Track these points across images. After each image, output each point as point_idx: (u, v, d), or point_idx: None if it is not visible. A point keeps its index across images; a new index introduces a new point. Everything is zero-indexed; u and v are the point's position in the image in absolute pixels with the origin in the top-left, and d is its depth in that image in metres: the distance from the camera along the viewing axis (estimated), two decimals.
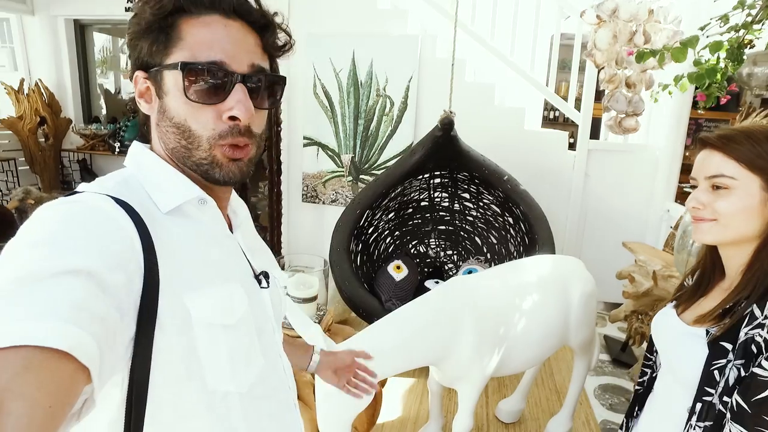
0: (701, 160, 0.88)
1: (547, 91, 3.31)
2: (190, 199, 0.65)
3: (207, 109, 0.61)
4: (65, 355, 0.42)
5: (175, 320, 0.57)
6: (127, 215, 0.56)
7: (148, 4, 0.61)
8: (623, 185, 3.30)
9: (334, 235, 2.61)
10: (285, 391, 0.76)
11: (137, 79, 0.65)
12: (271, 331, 0.74)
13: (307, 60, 3.49)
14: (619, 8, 2.54)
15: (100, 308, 0.47)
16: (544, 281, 1.84)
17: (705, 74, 1.62)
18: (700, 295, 0.95)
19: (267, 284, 0.74)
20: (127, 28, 0.64)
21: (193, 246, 0.63)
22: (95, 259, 0.49)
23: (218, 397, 0.62)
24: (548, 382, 2.59)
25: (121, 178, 0.64)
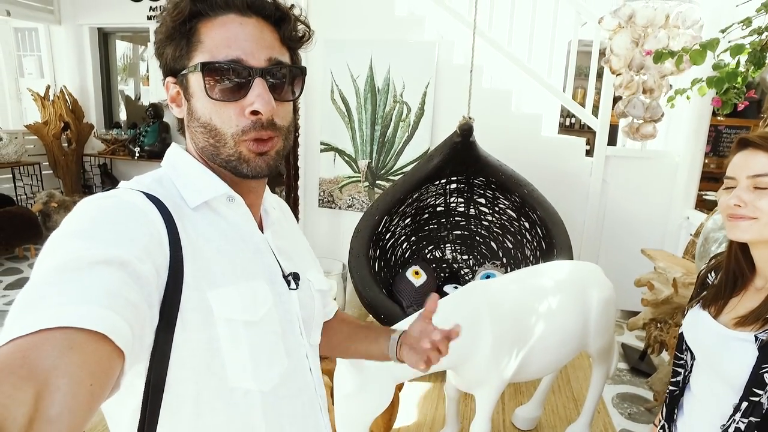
0: (743, 160, 0.89)
1: (565, 98, 3.31)
2: (218, 196, 0.66)
3: (229, 106, 0.63)
4: (103, 338, 0.44)
5: (197, 315, 0.59)
6: (157, 210, 0.59)
7: (168, 13, 0.64)
8: (641, 192, 3.27)
9: (353, 241, 2.62)
10: (311, 393, 0.76)
11: (168, 85, 0.68)
12: (297, 333, 0.73)
13: (324, 66, 3.54)
14: (636, 14, 2.53)
15: (132, 296, 0.49)
16: (563, 286, 1.83)
17: (725, 78, 1.61)
18: (730, 295, 0.95)
19: (296, 286, 0.73)
20: (154, 38, 0.67)
21: (220, 242, 0.64)
22: (127, 249, 0.51)
23: (239, 394, 0.63)
24: (565, 389, 2.57)
25: (157, 176, 0.67)
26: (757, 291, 0.92)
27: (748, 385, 0.83)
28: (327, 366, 1.85)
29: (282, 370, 0.68)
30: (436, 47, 3.31)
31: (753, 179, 0.87)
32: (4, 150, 4.37)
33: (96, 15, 4.73)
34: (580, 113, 3.30)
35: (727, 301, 0.95)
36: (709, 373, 0.96)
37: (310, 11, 3.50)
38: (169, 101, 0.69)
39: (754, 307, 0.89)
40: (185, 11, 0.62)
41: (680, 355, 1.04)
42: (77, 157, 4.90)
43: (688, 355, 1.02)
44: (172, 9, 0.63)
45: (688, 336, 1.00)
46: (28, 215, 4.12)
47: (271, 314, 0.67)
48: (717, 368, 0.92)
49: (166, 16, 0.64)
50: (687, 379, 1.03)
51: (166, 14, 0.64)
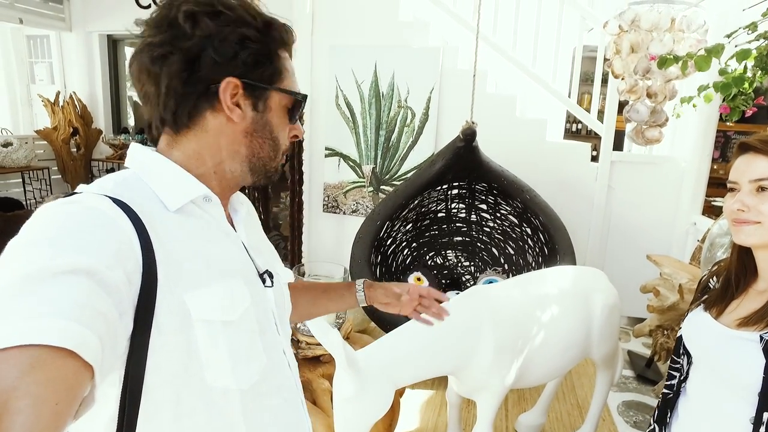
0: (744, 164, 0.89)
1: (570, 103, 3.29)
2: (196, 197, 0.67)
3: (287, 127, 0.73)
4: (70, 353, 0.42)
5: (173, 318, 0.58)
6: (125, 215, 0.57)
7: (274, 26, 0.68)
8: (648, 197, 3.25)
9: (354, 247, 2.62)
10: (290, 389, 0.76)
11: (229, 83, 0.65)
12: (274, 330, 0.74)
13: (329, 71, 3.55)
14: (640, 17, 2.52)
15: (101, 306, 0.48)
16: (566, 292, 1.82)
17: (732, 82, 1.59)
18: (731, 297, 0.94)
19: (271, 283, 0.75)
20: (224, 27, 0.63)
21: (195, 243, 0.64)
22: (94, 258, 0.50)
23: (218, 393, 0.63)
24: (570, 396, 2.54)
25: (120, 179, 0.65)
26: (759, 293, 0.91)
27: (762, 393, 0.82)
28: (327, 371, 1.85)
29: (260, 368, 0.68)
30: (440, 53, 3.31)
31: (755, 183, 0.87)
32: (14, 155, 4.42)
33: (105, 22, 4.80)
34: (585, 118, 3.28)
35: (728, 304, 0.94)
36: (709, 377, 0.94)
37: (315, 17, 3.52)
38: (227, 100, 0.65)
39: (757, 308, 0.88)
40: (289, 41, 0.70)
41: (677, 358, 1.03)
42: (86, 161, 4.96)
43: (685, 358, 1.00)
44: (281, 28, 0.68)
45: (687, 338, 0.99)
46: None
47: (249, 312, 0.67)
48: (718, 369, 0.91)
49: (269, 30, 0.67)
50: (683, 383, 1.01)
51: (270, 27, 0.67)
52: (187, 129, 0.67)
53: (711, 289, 1.00)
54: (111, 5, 4.70)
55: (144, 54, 0.64)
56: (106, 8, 4.73)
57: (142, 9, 4.55)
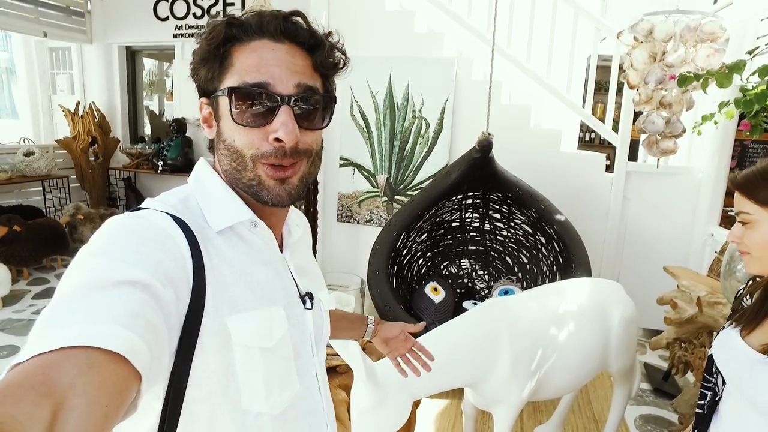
0: (736, 197, 0.94)
1: (584, 113, 3.29)
2: (242, 221, 0.66)
3: (253, 131, 0.62)
4: (122, 359, 0.44)
5: (215, 339, 0.59)
6: (183, 233, 0.59)
7: (204, 36, 0.65)
8: (664, 208, 3.22)
9: (372, 258, 2.63)
10: (318, 413, 0.76)
11: (201, 105, 0.68)
12: (309, 353, 0.74)
13: (344, 82, 3.57)
14: (655, 28, 2.52)
15: (153, 318, 0.49)
16: (583, 305, 1.81)
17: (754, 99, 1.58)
18: (763, 317, 0.93)
19: (311, 305, 0.74)
20: (192, 59, 0.67)
21: (241, 266, 0.64)
22: (152, 272, 0.52)
23: (251, 417, 0.63)
24: (586, 409, 2.52)
25: (183, 196, 0.66)
26: None
27: None
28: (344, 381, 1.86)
29: (293, 394, 0.68)
30: (454, 64, 3.33)
31: (737, 215, 0.92)
32: (35, 164, 4.51)
33: (125, 34, 4.90)
34: (599, 129, 3.28)
35: (758, 324, 0.93)
36: (738, 398, 0.93)
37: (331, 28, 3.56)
38: (201, 121, 0.69)
39: None
40: (220, 35, 0.62)
41: (709, 377, 1.02)
42: (103, 170, 5.04)
43: (719, 378, 0.99)
44: (208, 32, 0.64)
45: (717, 357, 0.98)
46: (55, 227, 4.23)
47: (285, 339, 0.67)
48: (747, 393, 0.90)
49: (202, 39, 0.65)
50: (717, 403, 1.00)
51: (202, 37, 0.65)
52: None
53: (743, 306, 1.00)
54: (130, 18, 4.80)
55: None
56: (126, 21, 4.84)
57: (161, 21, 4.65)
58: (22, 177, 4.48)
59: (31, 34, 4.81)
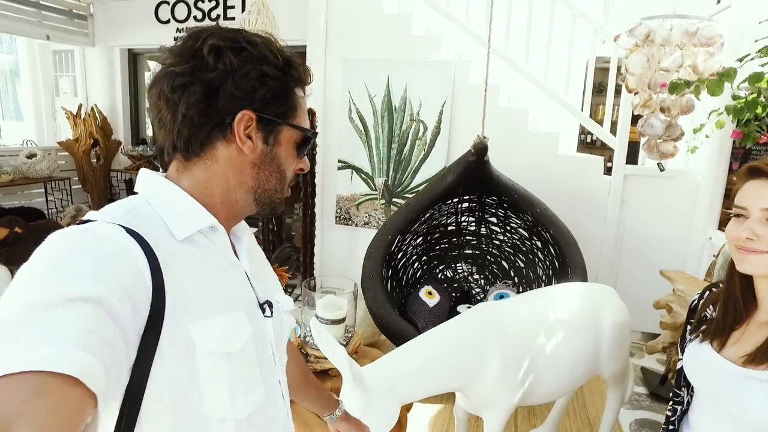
0: (756, 190, 0.85)
1: (582, 116, 3.28)
2: (204, 227, 0.67)
3: (294, 162, 0.75)
4: (74, 381, 0.43)
5: (177, 348, 0.58)
6: (138, 245, 0.58)
7: (293, 65, 0.69)
8: (662, 211, 3.21)
9: (366, 262, 2.63)
10: (283, 419, 0.76)
11: (244, 116, 0.66)
12: (271, 360, 0.74)
13: (342, 85, 3.60)
14: (653, 32, 2.51)
15: (108, 335, 0.48)
16: (574, 309, 1.81)
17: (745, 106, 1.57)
18: (731, 329, 0.92)
19: (270, 313, 0.75)
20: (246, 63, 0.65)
21: (202, 274, 0.65)
22: (105, 287, 0.50)
23: (214, 422, 0.63)
24: (581, 414, 2.51)
25: (130, 206, 0.65)
26: (760, 325, 0.88)
27: None
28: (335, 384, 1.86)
29: (257, 399, 0.68)
30: (452, 66, 3.33)
31: (767, 212, 0.83)
32: (38, 165, 4.55)
33: (126, 37, 4.94)
34: (597, 131, 3.27)
35: (729, 335, 0.91)
36: (716, 411, 0.92)
37: (329, 31, 3.58)
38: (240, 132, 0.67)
39: (760, 342, 0.85)
40: (299, 76, 0.71)
41: (678, 391, 1.01)
42: (105, 172, 5.08)
43: (686, 390, 0.98)
44: (300, 66, 0.70)
45: (690, 372, 0.96)
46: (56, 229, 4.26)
47: (249, 344, 0.67)
48: (728, 407, 0.88)
49: (277, 65, 0.67)
50: (684, 415, 0.99)
51: (290, 64, 0.69)
52: (198, 157, 0.68)
53: (708, 318, 0.98)
54: (132, 21, 4.84)
55: (164, 81, 0.65)
56: (127, 24, 4.88)
57: (162, 24, 4.68)
58: (24, 179, 4.52)
59: (34, 37, 4.86)
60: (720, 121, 1.78)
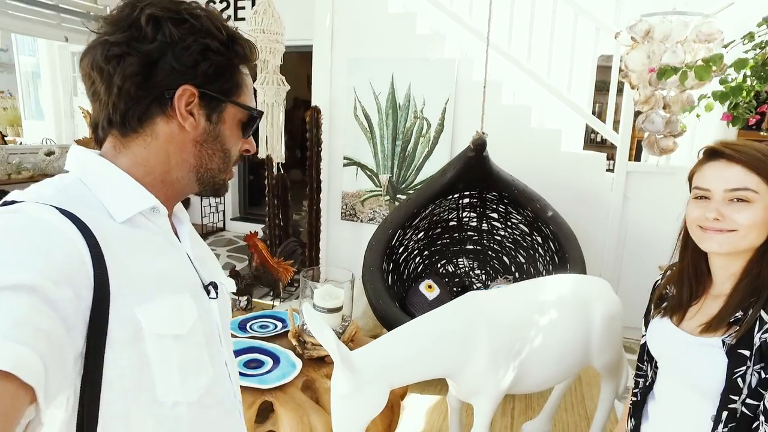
0: (718, 172, 0.89)
1: (584, 113, 3.30)
2: (145, 208, 0.65)
3: (239, 141, 0.73)
4: (6, 376, 0.40)
5: (125, 333, 0.56)
6: (75, 226, 0.54)
7: (238, 41, 0.67)
8: (665, 208, 3.20)
9: (367, 254, 2.69)
10: (231, 399, 0.76)
11: (185, 91, 0.64)
12: (218, 342, 0.74)
13: (348, 83, 3.66)
14: (653, 29, 2.52)
15: (44, 323, 0.45)
16: (564, 300, 1.83)
17: (729, 92, 1.60)
18: (688, 304, 0.96)
19: (216, 295, 0.74)
20: (188, 36, 0.63)
21: (144, 256, 0.62)
22: (39, 273, 0.47)
23: (167, 407, 0.62)
24: (578, 407, 2.53)
25: (62, 185, 0.61)
26: (715, 298, 0.93)
27: (725, 392, 0.85)
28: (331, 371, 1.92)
29: (207, 381, 0.68)
30: (456, 64, 3.38)
31: (730, 192, 0.87)
32: (55, 163, 4.72)
33: None
34: (600, 128, 3.28)
35: (687, 310, 0.96)
36: (675, 381, 0.97)
37: (335, 31, 3.65)
38: (181, 108, 0.65)
39: (714, 313, 0.90)
40: (255, 57, 0.70)
41: (641, 365, 1.06)
42: None
43: (648, 365, 1.03)
44: (246, 43, 0.69)
45: (652, 345, 1.02)
46: None
47: (196, 326, 0.66)
48: (685, 375, 0.94)
49: (221, 39, 0.65)
50: (650, 387, 1.04)
51: (222, 37, 0.65)
52: (136, 133, 0.65)
53: (667, 295, 1.03)
54: None
55: (98, 51, 0.61)
56: None
57: None
58: (43, 175, 4.68)
59: (53, 39, 5.03)
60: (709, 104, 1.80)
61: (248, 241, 3.09)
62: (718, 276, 0.94)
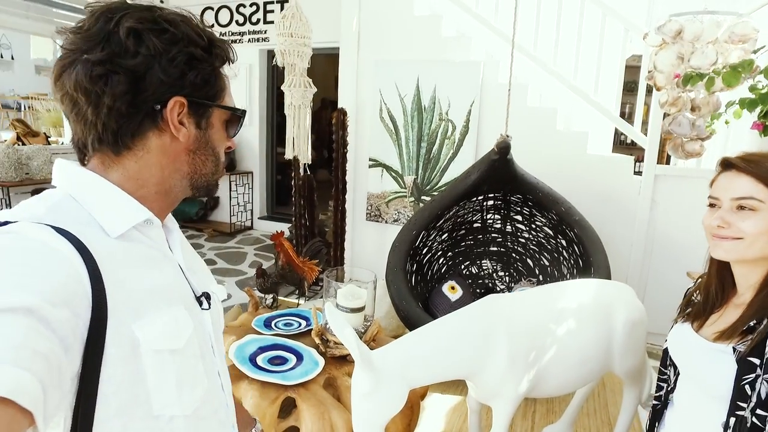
0: (727, 181, 0.93)
1: (611, 115, 3.25)
2: (139, 221, 0.64)
3: (225, 142, 0.74)
4: (3, 401, 0.40)
5: (122, 349, 0.56)
6: (72, 245, 0.54)
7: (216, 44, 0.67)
8: (694, 213, 3.12)
9: (390, 255, 2.73)
10: (224, 409, 0.76)
11: (176, 103, 0.64)
12: (211, 353, 0.74)
13: (374, 86, 3.71)
14: (684, 29, 2.47)
15: (42, 345, 0.45)
16: (585, 304, 1.83)
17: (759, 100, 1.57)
18: (711, 311, 0.97)
19: (208, 305, 0.74)
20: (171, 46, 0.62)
21: (140, 271, 0.62)
22: (36, 294, 0.47)
23: (163, 421, 0.61)
24: (601, 413, 2.50)
25: (52, 202, 0.60)
26: (736, 307, 0.94)
27: (733, 398, 0.86)
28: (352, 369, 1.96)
29: (202, 392, 0.68)
30: (481, 67, 3.38)
31: (736, 201, 0.90)
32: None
33: None
34: (627, 131, 3.22)
35: (708, 317, 0.97)
36: (691, 386, 0.98)
37: (361, 34, 3.69)
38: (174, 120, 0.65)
39: (733, 321, 0.91)
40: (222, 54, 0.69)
41: (664, 370, 1.06)
42: None
43: (671, 370, 1.04)
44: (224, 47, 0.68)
45: (672, 350, 1.03)
46: None
47: (192, 339, 0.66)
48: (699, 380, 0.95)
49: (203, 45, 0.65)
50: (670, 393, 1.04)
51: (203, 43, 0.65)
52: (128, 149, 0.64)
53: (694, 302, 1.03)
54: None
55: (79, 70, 0.59)
56: None
57: None
58: None
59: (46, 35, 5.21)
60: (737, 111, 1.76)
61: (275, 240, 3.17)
62: (741, 285, 0.95)
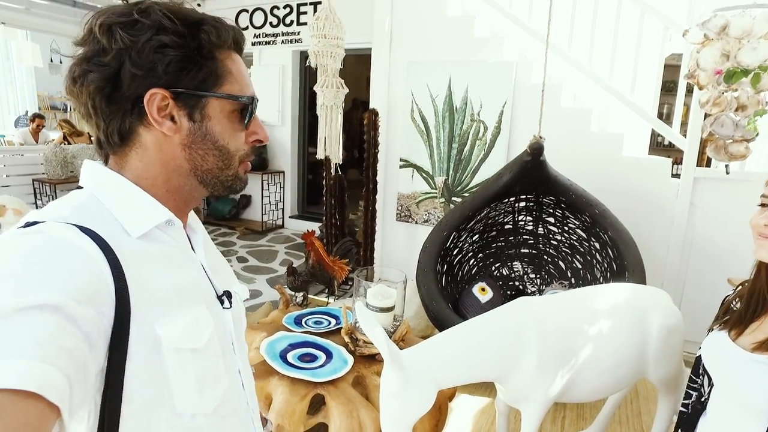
0: None
1: (648, 116, 3.16)
2: (160, 222, 0.64)
3: (241, 134, 0.69)
4: (33, 396, 0.41)
5: (144, 347, 0.56)
6: (95, 244, 0.55)
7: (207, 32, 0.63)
8: (735, 218, 3.01)
9: (421, 255, 2.74)
10: (244, 407, 0.76)
11: (154, 95, 0.61)
12: (232, 351, 0.74)
13: (406, 86, 3.72)
14: (730, 24, 2.38)
15: (68, 342, 0.46)
16: (618, 309, 1.80)
17: None
18: (750, 319, 0.94)
19: (230, 304, 0.74)
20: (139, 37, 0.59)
21: (162, 271, 0.62)
22: (62, 292, 0.48)
23: (186, 419, 0.62)
24: (634, 422, 2.45)
25: (77, 203, 0.61)
26: None
27: None
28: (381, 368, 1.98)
29: (223, 391, 0.68)
30: (514, 67, 3.34)
31: None
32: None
33: None
34: (665, 132, 3.13)
35: (747, 325, 0.94)
36: (725, 397, 0.95)
37: (393, 35, 3.71)
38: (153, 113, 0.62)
39: None
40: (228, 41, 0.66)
41: (695, 378, 1.04)
42: None
43: (705, 379, 1.01)
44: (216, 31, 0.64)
45: (706, 359, 1.00)
46: None
47: (213, 338, 0.67)
48: (734, 391, 0.92)
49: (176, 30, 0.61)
50: (705, 403, 1.02)
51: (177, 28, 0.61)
52: (127, 147, 0.64)
53: (733, 310, 1.00)
54: None
55: (67, 74, 0.62)
56: None
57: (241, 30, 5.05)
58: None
59: None
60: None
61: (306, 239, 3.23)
62: None
